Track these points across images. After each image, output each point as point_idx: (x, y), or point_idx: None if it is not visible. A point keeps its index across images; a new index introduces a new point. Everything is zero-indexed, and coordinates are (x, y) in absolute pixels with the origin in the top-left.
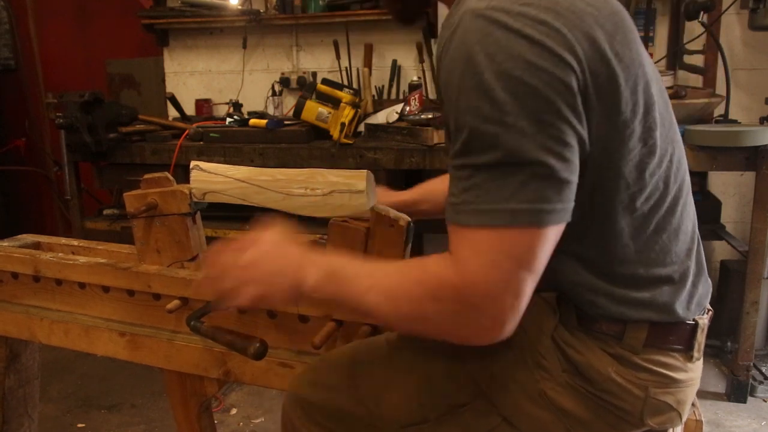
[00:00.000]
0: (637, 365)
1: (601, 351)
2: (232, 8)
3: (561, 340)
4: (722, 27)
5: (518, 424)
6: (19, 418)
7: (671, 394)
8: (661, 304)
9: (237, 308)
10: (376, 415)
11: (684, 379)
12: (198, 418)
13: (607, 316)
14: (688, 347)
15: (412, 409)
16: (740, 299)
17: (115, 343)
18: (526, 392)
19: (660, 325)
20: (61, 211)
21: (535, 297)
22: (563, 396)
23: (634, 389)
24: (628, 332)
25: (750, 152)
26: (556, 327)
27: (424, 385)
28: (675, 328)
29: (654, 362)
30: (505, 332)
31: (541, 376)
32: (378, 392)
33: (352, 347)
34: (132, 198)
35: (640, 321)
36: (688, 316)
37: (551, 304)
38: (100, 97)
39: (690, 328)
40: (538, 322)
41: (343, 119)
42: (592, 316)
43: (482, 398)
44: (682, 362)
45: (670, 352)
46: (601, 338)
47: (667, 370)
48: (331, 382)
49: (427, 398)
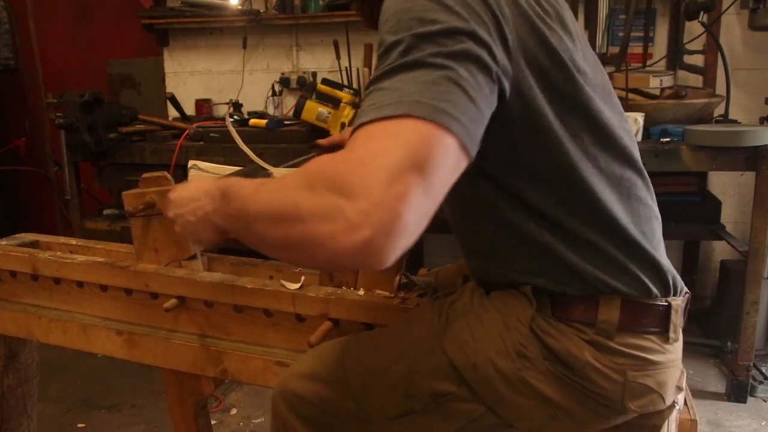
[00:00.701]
0: (613, 350)
1: (577, 338)
2: (232, 8)
3: (539, 328)
4: (722, 27)
5: (501, 413)
6: (18, 417)
7: (650, 376)
8: (632, 276)
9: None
10: (363, 407)
11: (662, 361)
12: (194, 416)
13: (580, 293)
14: (663, 329)
15: (398, 400)
16: (740, 299)
17: (112, 341)
18: (509, 381)
19: (632, 306)
20: (61, 211)
21: (513, 290)
22: (545, 384)
23: (612, 374)
24: (600, 315)
25: (750, 152)
26: (533, 317)
27: (408, 375)
28: (647, 309)
29: (630, 345)
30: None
31: (523, 364)
32: (365, 383)
33: (341, 341)
34: (130, 197)
35: (611, 298)
36: (658, 293)
37: (527, 296)
38: (100, 97)
39: (663, 309)
40: (515, 313)
41: (343, 119)
42: (565, 299)
43: (465, 388)
44: (659, 344)
45: (646, 334)
46: (575, 326)
47: (644, 353)
48: (320, 375)
49: (412, 388)
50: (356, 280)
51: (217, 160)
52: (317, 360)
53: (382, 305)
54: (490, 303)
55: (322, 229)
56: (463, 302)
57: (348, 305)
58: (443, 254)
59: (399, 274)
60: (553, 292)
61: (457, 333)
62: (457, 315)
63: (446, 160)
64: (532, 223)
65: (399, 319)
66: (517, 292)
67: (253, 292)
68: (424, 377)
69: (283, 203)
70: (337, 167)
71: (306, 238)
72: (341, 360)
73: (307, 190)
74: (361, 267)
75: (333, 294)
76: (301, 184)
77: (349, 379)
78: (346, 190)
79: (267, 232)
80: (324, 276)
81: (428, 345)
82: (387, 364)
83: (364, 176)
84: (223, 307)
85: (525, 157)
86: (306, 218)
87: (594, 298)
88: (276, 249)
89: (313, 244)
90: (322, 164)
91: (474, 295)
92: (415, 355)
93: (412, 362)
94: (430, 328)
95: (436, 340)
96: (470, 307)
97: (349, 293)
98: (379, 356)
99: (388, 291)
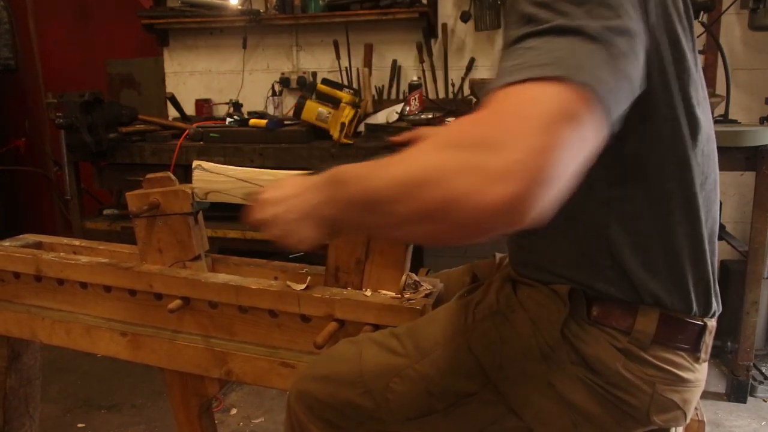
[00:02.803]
0: (644, 360)
1: (610, 345)
2: (232, 8)
3: (570, 332)
4: (722, 27)
5: (524, 415)
6: (20, 418)
7: (678, 392)
8: (684, 292)
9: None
10: (383, 408)
11: (691, 379)
12: (199, 418)
13: (620, 297)
14: (695, 348)
15: (421, 399)
16: (740, 299)
17: (116, 342)
18: (535, 384)
19: (670, 320)
20: (61, 211)
21: (546, 289)
22: (572, 388)
23: (641, 384)
24: (637, 325)
25: (750, 152)
26: (566, 320)
27: (431, 374)
28: (684, 327)
29: (661, 359)
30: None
31: (550, 368)
32: (385, 383)
33: (356, 341)
34: (134, 197)
35: (652, 309)
36: (698, 312)
37: (562, 297)
38: (100, 97)
39: (698, 329)
40: (547, 315)
41: (343, 119)
42: (604, 303)
43: (489, 388)
44: (690, 362)
45: (678, 351)
46: (609, 332)
47: (675, 368)
48: (336, 376)
49: (434, 387)
50: (362, 280)
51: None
52: (333, 361)
53: (387, 306)
54: (518, 304)
55: (464, 184)
56: (489, 302)
57: (354, 306)
58: (443, 254)
59: (404, 274)
60: (591, 292)
61: (484, 333)
62: (484, 315)
63: (595, 129)
64: (603, 213)
65: (418, 320)
66: (550, 291)
67: (258, 293)
68: (449, 376)
69: (420, 167)
70: (483, 119)
71: (446, 200)
72: (358, 361)
73: (448, 149)
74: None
75: (338, 294)
76: (440, 144)
77: (367, 379)
78: (493, 141)
79: (399, 207)
80: (329, 276)
81: (454, 344)
82: (409, 363)
83: (512, 125)
84: (228, 308)
85: (632, 144)
86: (447, 178)
87: (633, 306)
88: (409, 223)
89: (453, 206)
90: (465, 121)
91: (500, 295)
92: (439, 354)
93: (436, 361)
94: (456, 327)
95: (462, 340)
96: (497, 308)
97: (355, 294)
98: (399, 356)
99: (393, 291)
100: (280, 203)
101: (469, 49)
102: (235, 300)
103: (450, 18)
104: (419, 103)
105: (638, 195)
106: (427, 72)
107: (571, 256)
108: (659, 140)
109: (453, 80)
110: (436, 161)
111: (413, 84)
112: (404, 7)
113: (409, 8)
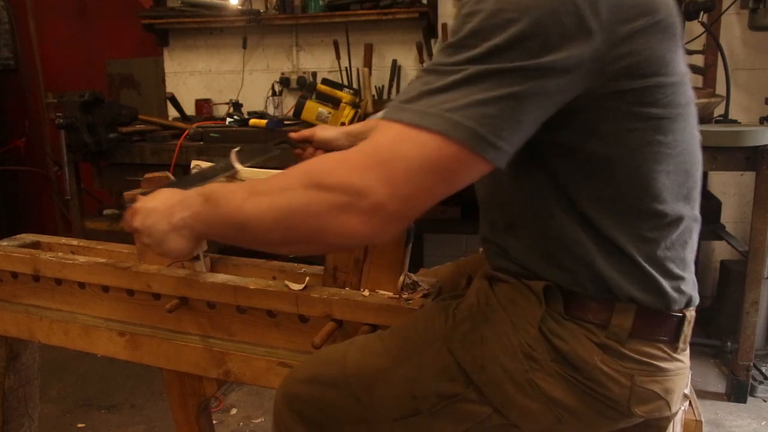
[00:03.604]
0: (622, 354)
1: (587, 340)
2: (232, 8)
3: (548, 330)
4: (722, 27)
5: (508, 414)
6: (19, 418)
7: (658, 382)
8: (660, 291)
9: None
10: (368, 409)
11: (671, 369)
12: (197, 418)
13: (596, 296)
14: (674, 339)
15: (404, 401)
16: (740, 299)
17: (114, 342)
18: (516, 382)
19: (647, 314)
20: (61, 211)
21: (521, 286)
22: (553, 385)
23: (620, 378)
24: (614, 320)
25: (750, 152)
26: (543, 317)
27: (415, 377)
28: (662, 320)
29: (639, 352)
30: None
31: (531, 366)
32: (370, 385)
33: (344, 344)
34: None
35: (628, 304)
36: (675, 304)
37: (537, 295)
38: (100, 97)
39: (677, 320)
40: (524, 314)
41: (343, 119)
42: (580, 298)
43: (473, 389)
44: (668, 353)
45: (656, 343)
46: (586, 327)
47: (653, 360)
48: (322, 378)
49: (418, 390)
50: (360, 280)
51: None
52: (318, 364)
53: (385, 306)
54: (497, 302)
55: (336, 221)
56: (469, 303)
57: (352, 306)
58: (443, 254)
59: (403, 274)
60: (568, 290)
61: (464, 334)
62: (464, 316)
63: (470, 177)
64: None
65: (402, 322)
66: (526, 289)
67: (256, 293)
68: (431, 378)
69: (290, 204)
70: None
71: (318, 232)
72: (343, 363)
73: (315, 188)
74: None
75: (336, 294)
76: (308, 182)
77: (352, 381)
78: (362, 187)
79: (270, 234)
80: (327, 276)
81: (435, 346)
82: (392, 366)
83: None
84: (226, 308)
85: (583, 149)
86: (317, 214)
87: (610, 302)
88: (278, 245)
89: (324, 236)
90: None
91: (480, 296)
92: (421, 357)
93: (418, 363)
94: (437, 329)
95: (443, 342)
96: (477, 308)
97: (353, 294)
98: (383, 358)
99: (391, 291)
100: (150, 215)
101: None
102: (234, 300)
103: (450, 18)
104: None
105: (603, 200)
106: None
107: (544, 260)
108: (617, 144)
109: None
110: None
111: None
112: (404, 7)
113: (409, 8)
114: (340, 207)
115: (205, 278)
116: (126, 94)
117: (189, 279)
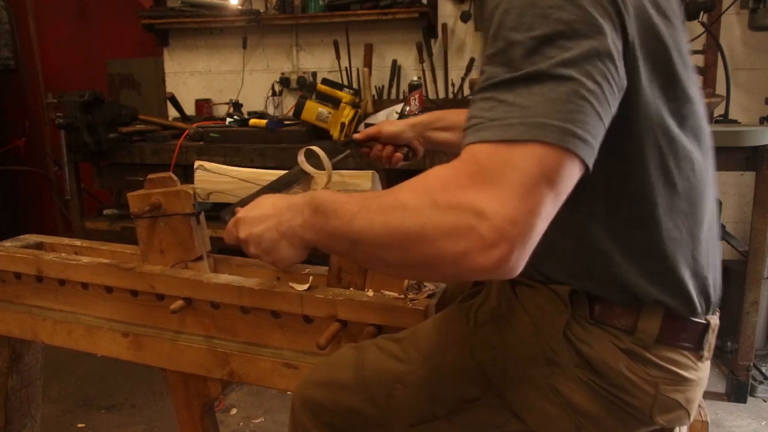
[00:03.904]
0: (648, 361)
1: (613, 346)
2: (232, 8)
3: (573, 335)
4: (722, 27)
5: (528, 420)
6: (21, 419)
7: (681, 392)
8: (685, 293)
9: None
10: (385, 413)
11: (693, 378)
12: (201, 418)
13: (623, 302)
14: (698, 346)
15: (422, 405)
16: (740, 299)
17: (118, 343)
18: (538, 387)
19: (673, 320)
20: (61, 211)
21: (547, 290)
22: (575, 391)
23: (644, 385)
24: (640, 325)
25: (750, 152)
26: (568, 322)
27: (434, 379)
28: (688, 325)
29: (665, 359)
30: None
31: (553, 371)
32: (387, 389)
33: (360, 346)
34: (136, 198)
35: (655, 308)
36: (701, 311)
37: (563, 299)
38: (100, 97)
39: (702, 327)
40: (549, 318)
41: (343, 119)
42: (606, 303)
43: (493, 393)
44: (693, 361)
45: (681, 350)
46: (612, 332)
47: (678, 368)
48: (339, 381)
49: (437, 392)
50: (364, 281)
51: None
52: (335, 367)
53: (390, 306)
54: (519, 306)
55: (455, 248)
56: (490, 305)
57: (356, 306)
58: None
59: None
60: (593, 294)
61: (485, 337)
62: (485, 319)
63: (571, 179)
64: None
65: (419, 325)
66: (551, 293)
67: (260, 294)
68: (451, 381)
69: (404, 224)
70: (463, 182)
71: (434, 258)
72: (361, 366)
73: (431, 208)
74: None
75: (341, 295)
76: (423, 202)
77: (370, 385)
78: (477, 208)
79: (384, 253)
80: (332, 277)
81: (455, 349)
82: (411, 369)
83: (495, 193)
84: (230, 309)
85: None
86: (434, 238)
87: (637, 306)
88: (394, 267)
89: (442, 263)
90: (446, 179)
91: (501, 298)
92: (441, 358)
93: (438, 365)
94: (457, 332)
95: (464, 344)
96: (498, 311)
97: (358, 294)
98: (401, 361)
99: (396, 292)
100: (258, 223)
101: (469, 49)
102: (238, 301)
103: (450, 18)
104: (419, 103)
105: (625, 207)
106: (427, 72)
107: (569, 267)
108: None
109: (453, 80)
110: (420, 219)
111: (413, 84)
112: (404, 7)
113: (409, 8)
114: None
115: (209, 279)
116: (126, 94)
117: (193, 280)
